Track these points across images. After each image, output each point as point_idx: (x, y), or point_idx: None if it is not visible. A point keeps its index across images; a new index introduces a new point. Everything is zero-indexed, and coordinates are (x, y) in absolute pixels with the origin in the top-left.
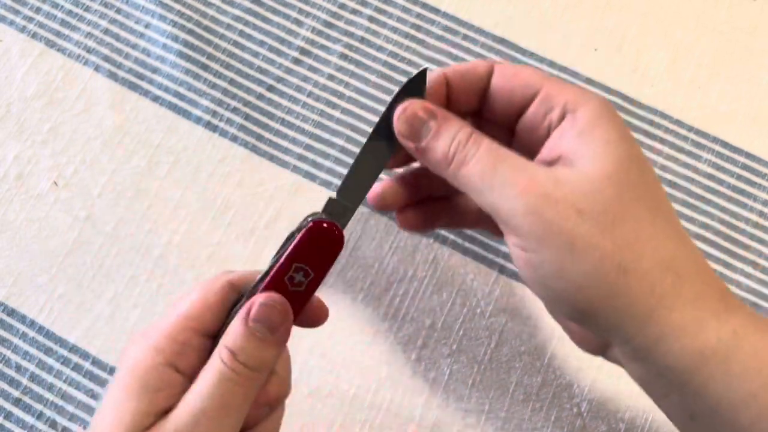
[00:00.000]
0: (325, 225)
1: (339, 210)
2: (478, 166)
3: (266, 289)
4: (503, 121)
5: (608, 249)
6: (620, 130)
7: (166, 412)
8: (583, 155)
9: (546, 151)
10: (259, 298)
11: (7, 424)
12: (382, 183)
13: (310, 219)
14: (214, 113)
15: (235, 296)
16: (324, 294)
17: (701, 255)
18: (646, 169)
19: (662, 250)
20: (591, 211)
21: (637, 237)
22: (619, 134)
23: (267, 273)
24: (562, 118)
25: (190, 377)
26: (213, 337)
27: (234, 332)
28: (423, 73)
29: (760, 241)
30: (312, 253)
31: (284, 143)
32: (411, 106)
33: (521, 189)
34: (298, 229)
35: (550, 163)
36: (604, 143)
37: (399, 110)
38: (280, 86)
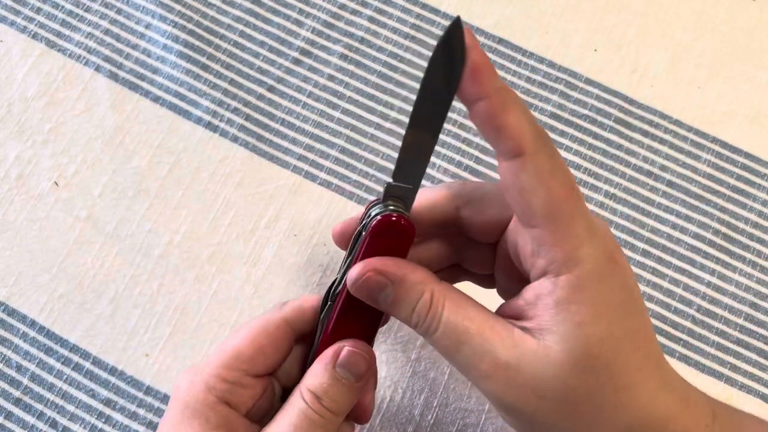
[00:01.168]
0: (393, 218)
1: (401, 193)
2: (441, 342)
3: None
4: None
5: (566, 425)
6: (601, 305)
7: None
8: (553, 332)
9: (523, 303)
10: (347, 344)
11: (8, 424)
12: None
13: (376, 213)
14: (215, 114)
15: (291, 333)
16: None
17: (666, 406)
18: (619, 344)
19: (621, 419)
20: (552, 398)
21: (597, 412)
22: (598, 311)
23: (341, 280)
24: (544, 273)
25: (246, 415)
26: (269, 374)
27: (319, 376)
28: (458, 24)
29: (760, 241)
30: (383, 251)
31: (284, 143)
32: (366, 270)
33: (483, 374)
34: (365, 227)
35: (522, 318)
36: (577, 325)
37: (353, 274)
38: (280, 87)
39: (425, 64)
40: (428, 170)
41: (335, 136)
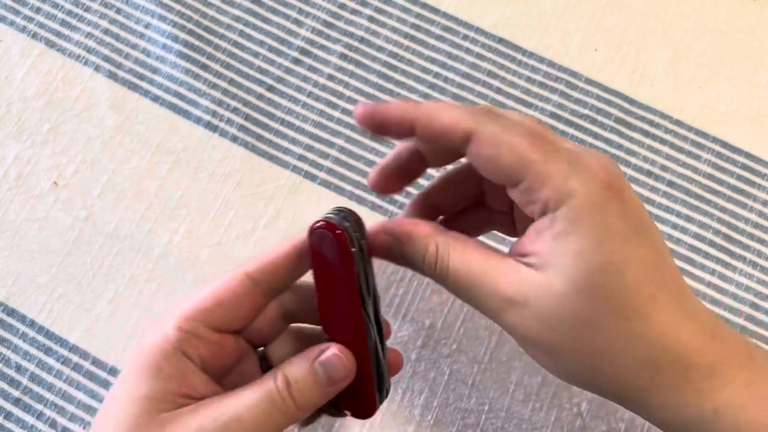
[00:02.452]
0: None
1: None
2: (453, 287)
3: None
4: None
5: (581, 355)
6: (598, 234)
7: (179, 400)
8: (554, 263)
9: (526, 242)
10: (335, 349)
11: (7, 424)
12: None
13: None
14: (214, 113)
15: (254, 288)
16: None
17: (688, 337)
18: (620, 279)
19: (636, 350)
20: (562, 328)
21: (609, 342)
22: (596, 240)
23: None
24: (543, 213)
25: (203, 369)
26: (234, 332)
27: (298, 365)
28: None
29: (760, 241)
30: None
31: (284, 143)
32: (376, 233)
33: (494, 311)
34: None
35: (525, 255)
36: (576, 255)
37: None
38: (280, 86)
39: (425, 64)
40: (428, 170)
41: (335, 135)
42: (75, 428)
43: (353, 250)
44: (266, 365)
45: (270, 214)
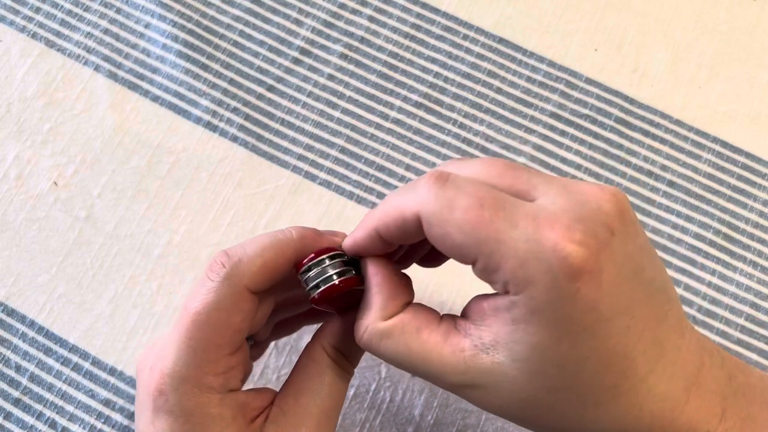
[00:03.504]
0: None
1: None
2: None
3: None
4: None
5: (544, 426)
6: (560, 329)
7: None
8: (510, 349)
9: (484, 314)
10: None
11: (7, 425)
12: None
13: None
14: (214, 113)
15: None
16: None
17: (652, 412)
18: (582, 367)
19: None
20: (519, 409)
21: (569, 424)
22: (557, 336)
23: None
24: (504, 292)
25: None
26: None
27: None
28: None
29: (760, 241)
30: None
31: (284, 143)
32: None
33: (448, 390)
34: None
35: (475, 335)
36: (533, 348)
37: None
38: (280, 86)
39: (425, 64)
40: (428, 170)
41: (335, 135)
42: (75, 428)
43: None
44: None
45: (270, 214)
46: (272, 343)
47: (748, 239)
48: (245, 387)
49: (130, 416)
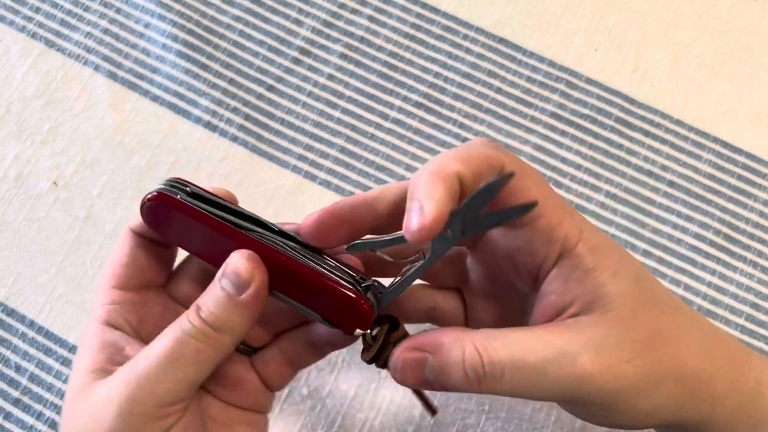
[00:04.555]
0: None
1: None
2: (515, 382)
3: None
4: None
5: (665, 373)
6: (618, 252)
7: (114, 368)
8: (601, 296)
9: (556, 298)
10: (233, 254)
11: (7, 425)
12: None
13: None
14: (214, 113)
15: (143, 241)
16: None
17: (711, 325)
18: (649, 279)
19: (695, 343)
20: (637, 354)
21: (676, 347)
22: (620, 257)
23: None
24: (559, 255)
25: (139, 335)
26: (152, 287)
27: (207, 289)
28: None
29: (761, 241)
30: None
31: (284, 143)
32: (401, 353)
33: (575, 379)
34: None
35: (563, 310)
36: (614, 276)
37: (391, 365)
38: (280, 86)
39: (425, 64)
40: None
41: (335, 135)
42: None
43: (178, 197)
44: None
45: (270, 214)
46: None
47: (748, 239)
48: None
49: None
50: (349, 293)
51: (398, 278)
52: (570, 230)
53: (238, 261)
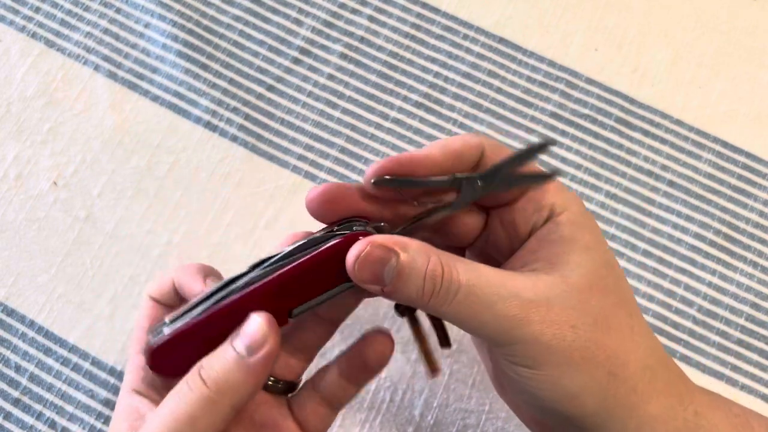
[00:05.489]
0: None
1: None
2: (465, 304)
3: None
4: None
5: (601, 359)
6: (597, 235)
7: None
8: (564, 262)
9: (526, 253)
10: (253, 316)
11: (7, 425)
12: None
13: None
14: (214, 113)
15: (159, 308)
16: None
17: (663, 351)
18: (618, 272)
19: (640, 351)
20: (582, 324)
21: (621, 342)
22: (597, 239)
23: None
24: (547, 219)
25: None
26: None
27: (217, 349)
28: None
29: (761, 241)
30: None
31: (284, 143)
32: (366, 245)
33: (517, 321)
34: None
35: (527, 264)
36: (585, 250)
37: (353, 252)
38: (280, 86)
39: (425, 63)
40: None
41: (335, 135)
42: (74, 428)
43: (165, 332)
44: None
45: (270, 214)
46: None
47: (749, 239)
48: None
49: None
50: (335, 243)
51: (416, 219)
52: (558, 201)
53: (255, 322)
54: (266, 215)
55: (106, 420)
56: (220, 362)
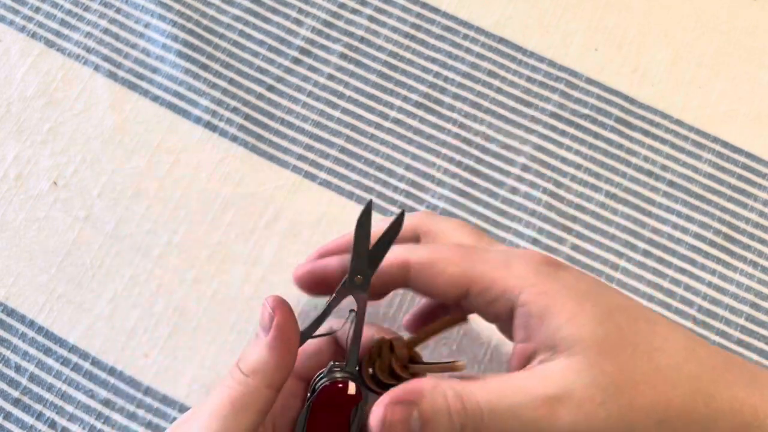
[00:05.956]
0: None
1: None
2: (493, 425)
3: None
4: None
5: (641, 417)
6: (576, 291)
7: None
8: (561, 339)
9: (521, 346)
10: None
11: (7, 425)
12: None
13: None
14: (214, 113)
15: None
16: None
17: (725, 355)
18: (625, 313)
19: (684, 385)
20: (609, 396)
21: (654, 389)
22: (580, 297)
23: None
24: (510, 308)
25: None
26: None
27: None
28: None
29: (761, 241)
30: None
31: (284, 143)
32: (386, 411)
33: (546, 420)
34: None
35: (531, 357)
36: (572, 318)
37: (376, 421)
38: (280, 86)
39: (425, 63)
40: (428, 170)
41: (335, 135)
42: (74, 428)
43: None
44: None
45: (270, 214)
46: None
47: (749, 239)
48: None
49: (130, 416)
50: (316, 401)
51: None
52: (508, 283)
53: (264, 304)
54: (266, 215)
55: (106, 420)
56: (249, 349)
